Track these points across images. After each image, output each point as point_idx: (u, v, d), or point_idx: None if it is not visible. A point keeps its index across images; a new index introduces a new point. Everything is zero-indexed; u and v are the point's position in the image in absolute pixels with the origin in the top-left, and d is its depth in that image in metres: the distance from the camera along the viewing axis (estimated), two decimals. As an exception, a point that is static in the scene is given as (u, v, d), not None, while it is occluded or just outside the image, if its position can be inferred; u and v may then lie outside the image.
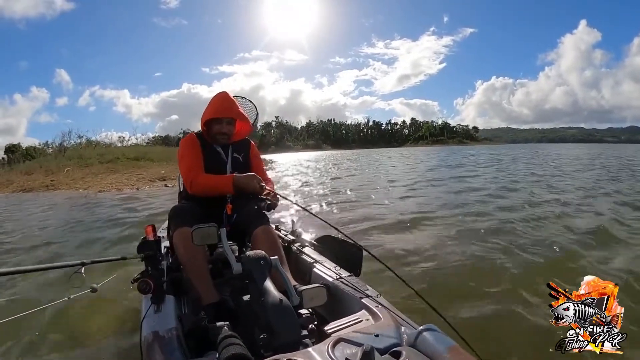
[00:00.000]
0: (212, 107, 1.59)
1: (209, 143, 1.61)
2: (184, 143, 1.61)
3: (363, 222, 4.01)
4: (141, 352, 0.95)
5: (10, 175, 14.56)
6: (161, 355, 0.88)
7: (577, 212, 4.21)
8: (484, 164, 14.75)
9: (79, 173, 13.19)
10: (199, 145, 1.58)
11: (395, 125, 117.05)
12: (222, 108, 1.58)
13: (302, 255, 1.60)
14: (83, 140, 22.05)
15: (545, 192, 5.92)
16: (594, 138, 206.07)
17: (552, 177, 8.40)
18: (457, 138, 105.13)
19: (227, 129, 1.59)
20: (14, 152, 24.87)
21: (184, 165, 1.53)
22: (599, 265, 2.40)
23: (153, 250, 1.30)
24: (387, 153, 33.16)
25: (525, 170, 10.70)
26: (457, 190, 6.57)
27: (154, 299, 1.09)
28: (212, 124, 1.59)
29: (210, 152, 1.59)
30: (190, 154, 1.55)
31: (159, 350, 0.90)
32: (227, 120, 1.58)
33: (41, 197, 9.21)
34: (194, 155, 1.55)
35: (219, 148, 1.62)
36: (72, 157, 16.72)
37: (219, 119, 1.57)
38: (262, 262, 1.00)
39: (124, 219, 5.00)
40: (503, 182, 7.63)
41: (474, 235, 3.22)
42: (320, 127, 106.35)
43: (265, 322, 0.86)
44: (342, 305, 1.18)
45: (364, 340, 0.80)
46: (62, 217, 5.78)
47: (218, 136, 1.59)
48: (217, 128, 1.58)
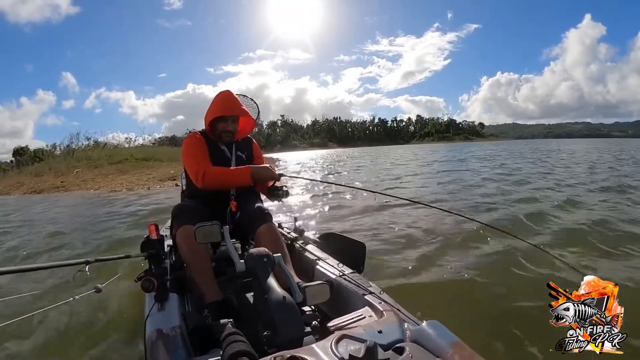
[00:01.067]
0: (217, 105, 1.59)
1: (214, 141, 1.61)
2: (188, 140, 1.61)
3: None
4: (145, 350, 0.96)
5: (20, 177, 14.85)
6: (165, 353, 0.88)
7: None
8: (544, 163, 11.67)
9: (89, 174, 13.38)
10: (204, 142, 1.59)
11: (400, 122, 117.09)
12: (227, 106, 1.58)
13: (305, 253, 1.60)
14: (91, 142, 22.43)
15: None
16: (601, 133, 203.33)
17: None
18: (463, 134, 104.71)
19: (232, 127, 1.60)
20: (22, 155, 25.13)
21: (191, 160, 1.52)
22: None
23: (156, 249, 1.31)
24: (395, 151, 32.33)
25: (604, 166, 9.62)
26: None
27: (157, 297, 1.09)
28: (217, 123, 1.59)
29: (215, 150, 1.59)
30: (196, 149, 1.55)
31: (163, 348, 0.90)
32: (232, 118, 1.59)
33: (52, 197, 9.43)
34: (201, 150, 1.55)
35: (223, 146, 1.62)
36: (80, 158, 16.98)
37: (224, 117, 1.57)
38: (265, 260, 1.00)
39: (145, 214, 5.28)
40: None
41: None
42: (326, 125, 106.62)
43: (269, 319, 0.86)
44: (346, 302, 1.18)
45: (367, 337, 0.80)
46: (90, 213, 6.03)
47: (223, 134, 1.60)
48: (222, 126, 1.58)
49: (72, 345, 1.70)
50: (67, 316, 1.89)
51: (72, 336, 1.76)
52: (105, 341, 1.71)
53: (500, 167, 10.71)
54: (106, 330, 1.79)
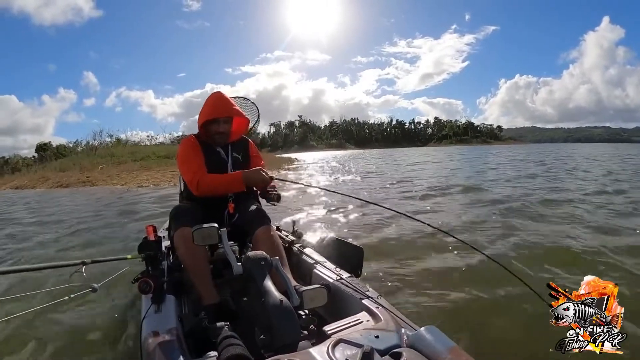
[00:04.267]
0: (208, 108, 1.58)
1: (209, 144, 1.61)
2: (183, 145, 1.60)
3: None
4: (141, 352, 0.95)
5: (44, 172, 15.37)
6: (161, 356, 0.88)
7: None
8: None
9: (114, 170, 13.66)
10: (199, 146, 1.58)
11: (418, 124, 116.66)
12: (218, 108, 1.57)
13: (303, 256, 1.60)
14: (113, 139, 22.71)
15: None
16: (621, 137, 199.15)
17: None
18: (481, 137, 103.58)
19: (224, 128, 1.59)
20: (45, 151, 25.57)
21: (187, 168, 1.52)
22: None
23: (154, 251, 1.31)
24: (413, 153, 31.35)
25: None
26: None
27: (154, 299, 1.09)
28: (210, 125, 1.58)
29: (210, 153, 1.58)
30: (191, 155, 1.54)
31: (158, 350, 0.89)
32: (223, 120, 1.57)
33: (87, 191, 9.74)
34: (196, 157, 1.54)
35: (219, 148, 1.62)
36: (103, 155, 17.31)
37: (215, 119, 1.56)
38: (262, 263, 1.00)
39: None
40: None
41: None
42: (344, 126, 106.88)
43: (266, 322, 0.86)
44: (343, 306, 1.18)
45: (364, 341, 0.80)
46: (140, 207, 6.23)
47: (216, 136, 1.59)
48: (214, 128, 1.57)
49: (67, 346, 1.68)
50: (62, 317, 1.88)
51: (67, 337, 1.75)
52: (101, 342, 1.70)
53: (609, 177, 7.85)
54: (102, 332, 1.78)
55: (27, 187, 13.17)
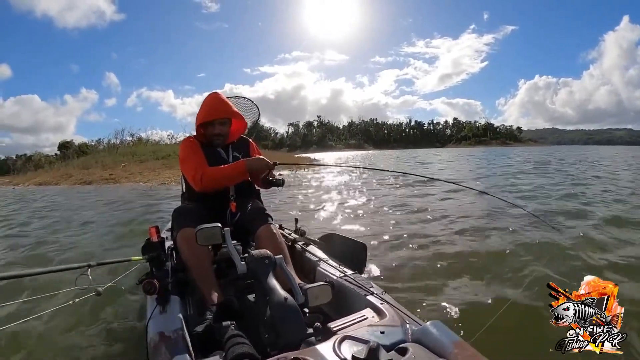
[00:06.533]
0: (204, 109, 1.58)
1: (208, 145, 1.61)
2: (184, 145, 1.60)
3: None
4: (147, 353, 0.96)
5: (67, 170, 15.55)
6: (167, 356, 0.88)
7: None
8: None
9: (136, 168, 13.74)
10: (199, 146, 1.58)
11: (437, 125, 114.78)
12: (214, 110, 1.57)
13: (306, 254, 1.60)
14: (134, 138, 22.86)
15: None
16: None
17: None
18: (501, 139, 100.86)
19: (220, 130, 1.58)
20: (67, 149, 25.90)
21: (189, 164, 1.52)
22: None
23: (157, 252, 1.31)
24: (435, 156, 28.37)
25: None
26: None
27: (159, 299, 1.09)
28: (206, 127, 1.58)
29: (211, 153, 1.59)
30: (193, 153, 1.55)
31: (165, 350, 0.90)
32: (219, 121, 1.57)
33: (111, 188, 9.87)
34: (197, 154, 1.54)
35: (219, 148, 1.62)
36: (125, 153, 17.38)
37: (211, 120, 1.56)
38: (266, 261, 1.00)
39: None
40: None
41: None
42: (362, 126, 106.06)
43: (271, 321, 0.86)
44: (347, 303, 1.18)
45: (370, 337, 0.80)
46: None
47: (214, 138, 1.59)
48: (210, 130, 1.57)
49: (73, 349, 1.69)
50: (68, 320, 1.88)
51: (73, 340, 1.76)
52: (106, 344, 1.70)
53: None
54: (108, 334, 1.78)
55: (50, 184, 13.24)
